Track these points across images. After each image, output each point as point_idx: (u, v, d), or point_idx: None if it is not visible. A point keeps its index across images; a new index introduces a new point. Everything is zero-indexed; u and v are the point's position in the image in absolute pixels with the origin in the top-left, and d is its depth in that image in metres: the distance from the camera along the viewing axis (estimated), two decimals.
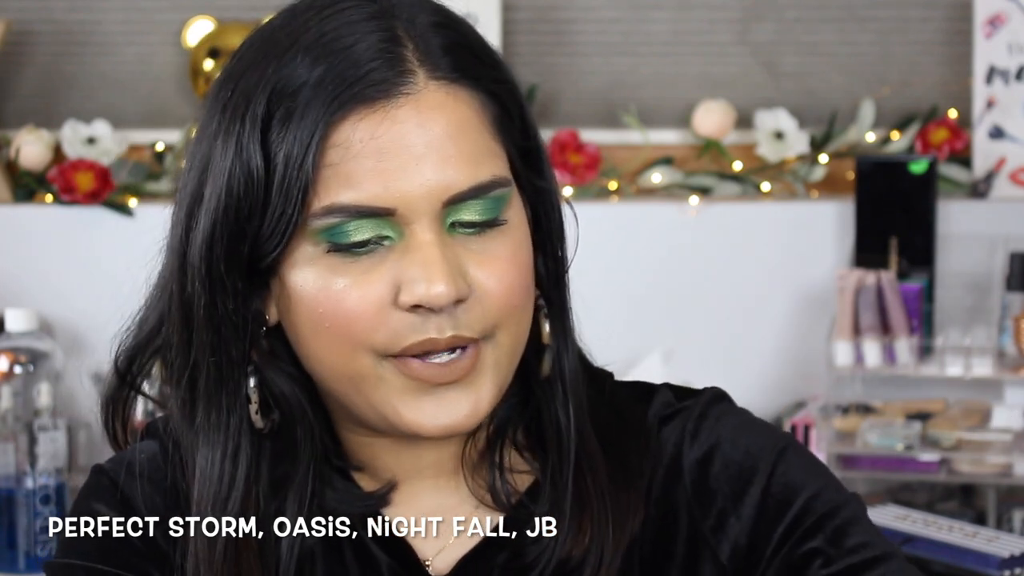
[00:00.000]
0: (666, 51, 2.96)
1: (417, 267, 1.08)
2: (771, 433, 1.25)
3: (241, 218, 1.10)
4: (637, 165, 2.91)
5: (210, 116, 1.13)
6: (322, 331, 1.11)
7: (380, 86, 1.09)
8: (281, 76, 1.10)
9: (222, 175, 1.10)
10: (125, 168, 2.90)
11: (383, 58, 1.10)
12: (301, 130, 1.08)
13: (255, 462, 1.15)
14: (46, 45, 2.99)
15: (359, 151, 1.08)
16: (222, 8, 2.96)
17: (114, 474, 1.20)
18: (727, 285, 2.84)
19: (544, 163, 1.18)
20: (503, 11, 2.91)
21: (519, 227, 1.13)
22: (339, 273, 1.09)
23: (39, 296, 2.83)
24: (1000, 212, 2.78)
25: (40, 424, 2.52)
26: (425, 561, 1.18)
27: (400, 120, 1.09)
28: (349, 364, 1.11)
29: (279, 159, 1.08)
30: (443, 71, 1.11)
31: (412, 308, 1.09)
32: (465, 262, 1.10)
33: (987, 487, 2.61)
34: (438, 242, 1.09)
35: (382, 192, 1.08)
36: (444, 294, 1.08)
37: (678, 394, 1.24)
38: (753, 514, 1.17)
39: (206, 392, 1.14)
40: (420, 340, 1.09)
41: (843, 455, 2.59)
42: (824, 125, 2.89)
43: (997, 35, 2.82)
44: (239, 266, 1.11)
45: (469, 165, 1.10)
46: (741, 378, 2.80)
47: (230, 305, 1.12)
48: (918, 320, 2.63)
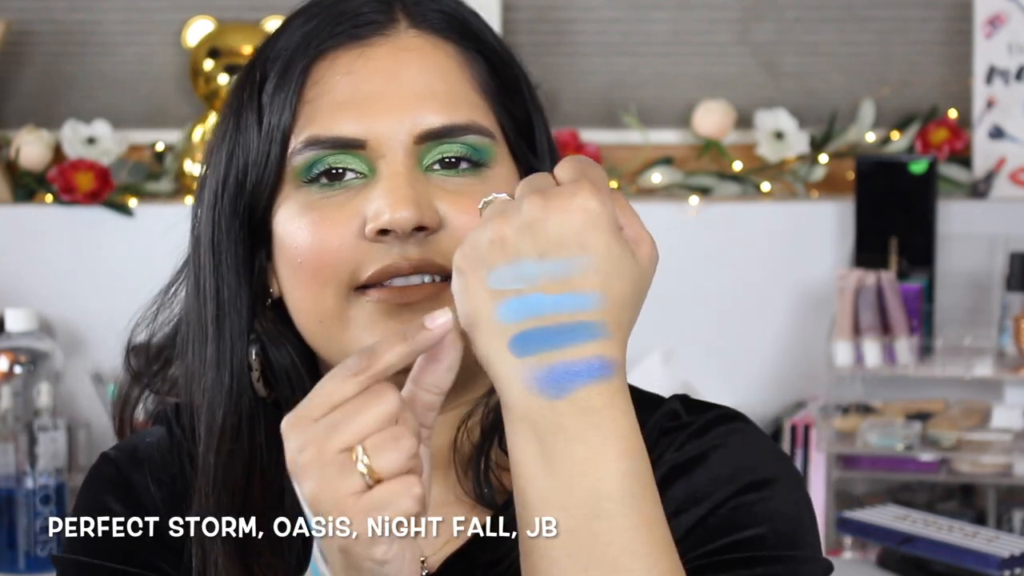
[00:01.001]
0: (666, 51, 2.96)
1: (382, 194, 1.10)
2: (765, 458, 1.15)
3: (239, 175, 1.14)
4: (637, 165, 2.91)
5: (225, 102, 1.19)
6: (297, 270, 1.12)
7: (361, 28, 1.13)
8: (278, 43, 1.15)
9: (225, 144, 1.16)
10: (125, 168, 2.90)
11: (370, 7, 1.14)
12: (286, 75, 1.13)
13: (259, 430, 1.16)
14: (46, 45, 2.99)
15: (334, 85, 1.12)
16: (222, 8, 2.96)
17: (120, 462, 1.21)
18: (727, 285, 2.84)
19: (544, 147, 1.19)
20: (503, 11, 2.91)
21: (507, 185, 1.12)
22: (314, 208, 1.12)
23: (39, 296, 2.83)
24: (1000, 212, 2.78)
25: (40, 424, 2.52)
26: (421, 558, 1.17)
27: (375, 58, 1.13)
28: (320, 304, 1.12)
29: (267, 108, 1.13)
30: (426, 23, 1.15)
31: (378, 236, 1.10)
32: (437, 198, 1.11)
33: (987, 487, 2.61)
34: (406, 173, 1.10)
35: (354, 125, 1.11)
36: (407, 217, 1.08)
37: (690, 407, 1.19)
38: (687, 523, 1.10)
39: (214, 360, 1.16)
40: (385, 265, 1.10)
41: (843, 455, 2.59)
42: (824, 125, 2.89)
43: (997, 35, 2.82)
44: (239, 223, 1.15)
45: (443, 105, 1.12)
46: (741, 378, 2.80)
47: (233, 265, 1.15)
48: (918, 320, 2.63)
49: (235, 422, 1.15)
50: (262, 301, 1.17)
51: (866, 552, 2.48)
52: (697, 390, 2.66)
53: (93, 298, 2.81)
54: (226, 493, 1.14)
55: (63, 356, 2.71)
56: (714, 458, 1.13)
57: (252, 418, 1.16)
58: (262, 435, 1.16)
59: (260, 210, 1.14)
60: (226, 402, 1.16)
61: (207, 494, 1.15)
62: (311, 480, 0.94)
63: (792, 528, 1.11)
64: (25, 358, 2.64)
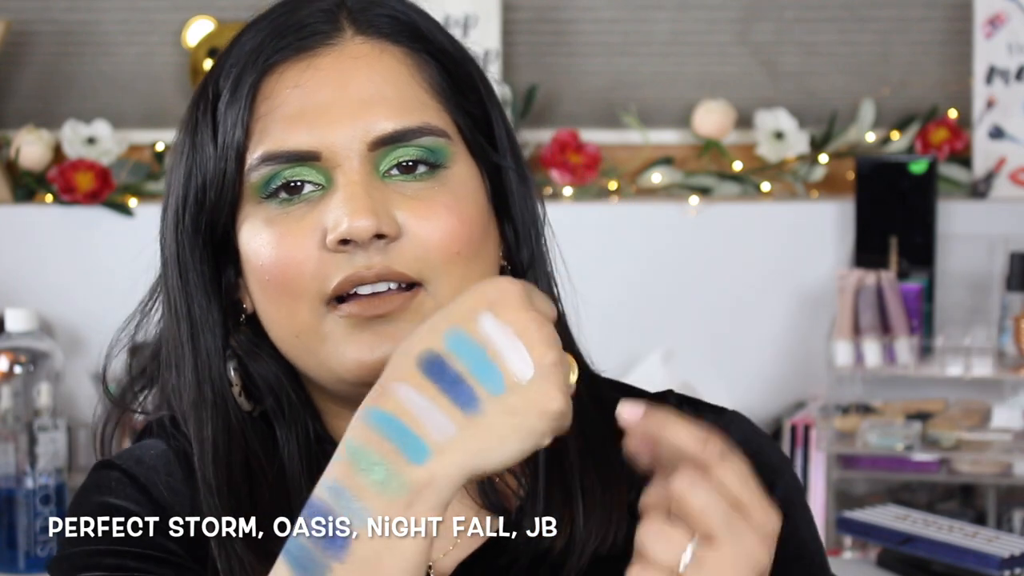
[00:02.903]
0: (666, 51, 2.96)
1: (339, 204, 1.10)
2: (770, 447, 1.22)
3: (198, 193, 1.14)
4: (637, 165, 2.91)
5: (184, 118, 1.18)
6: (266, 287, 1.13)
7: (307, 40, 1.13)
8: (230, 57, 1.16)
9: (183, 162, 1.16)
10: (125, 168, 2.90)
11: (316, 18, 1.14)
12: (237, 92, 1.13)
13: (252, 441, 1.16)
14: (46, 45, 2.99)
15: (284, 99, 1.12)
16: (222, 8, 2.96)
17: (127, 467, 1.19)
18: (727, 285, 2.84)
19: (504, 143, 1.18)
20: (503, 11, 2.91)
21: (463, 182, 1.13)
22: (274, 224, 1.12)
23: (39, 296, 2.83)
24: (1000, 212, 2.78)
25: (40, 424, 2.52)
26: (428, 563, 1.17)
27: (322, 68, 1.12)
28: (294, 319, 1.12)
29: (221, 126, 1.13)
30: (373, 29, 1.14)
31: (339, 246, 1.10)
32: (396, 205, 1.11)
33: (987, 487, 2.61)
34: (363, 181, 1.10)
35: (306, 137, 1.11)
36: (365, 226, 1.08)
37: (686, 400, 1.23)
38: None
39: (194, 379, 1.16)
40: (348, 274, 1.10)
41: (843, 455, 2.59)
42: (824, 125, 2.89)
43: (997, 35, 2.82)
44: (202, 241, 1.15)
45: (394, 110, 1.12)
46: (741, 378, 2.80)
47: (200, 283, 1.15)
48: (918, 320, 2.63)
49: (226, 439, 1.15)
50: (235, 317, 1.17)
51: (866, 552, 2.48)
52: (697, 390, 2.66)
53: (93, 298, 2.81)
54: (233, 499, 1.14)
55: (63, 356, 2.70)
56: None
57: (242, 432, 1.16)
58: (256, 444, 1.16)
59: (222, 228, 1.14)
60: (213, 419, 1.16)
61: (213, 505, 1.14)
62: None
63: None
64: (25, 358, 2.64)
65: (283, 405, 1.17)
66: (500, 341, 0.98)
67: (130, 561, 1.13)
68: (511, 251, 1.18)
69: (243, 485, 1.15)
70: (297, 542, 0.99)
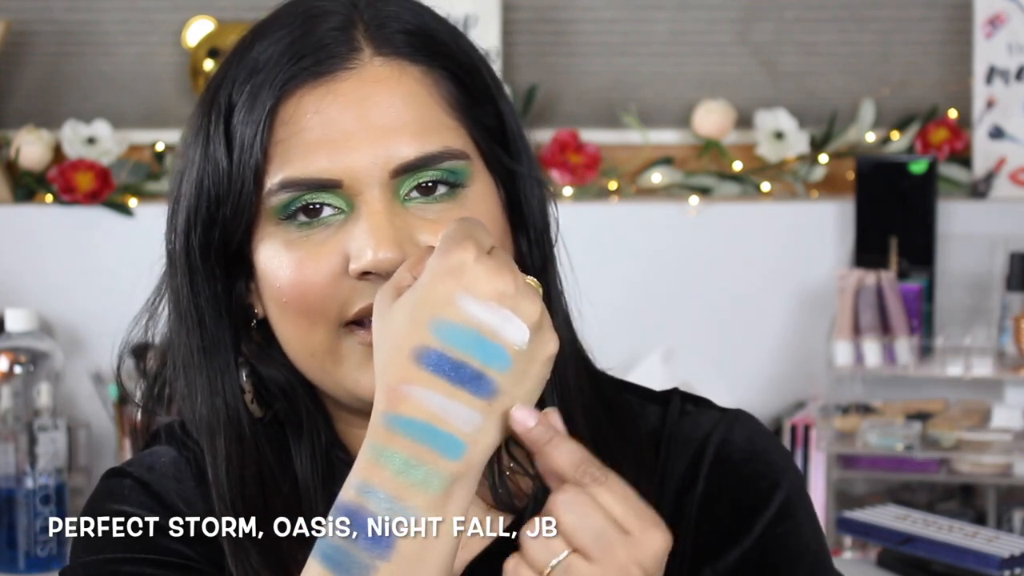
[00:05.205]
0: (666, 51, 2.96)
1: (364, 234, 1.10)
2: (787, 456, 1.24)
3: (211, 206, 1.13)
4: (637, 165, 2.91)
5: (192, 119, 1.17)
6: (284, 307, 1.12)
7: (325, 63, 1.12)
8: (243, 66, 1.14)
9: (194, 169, 1.14)
10: (125, 168, 2.90)
11: (332, 38, 1.13)
12: (254, 112, 1.12)
13: (263, 447, 1.16)
14: (46, 45, 2.99)
15: (304, 125, 1.11)
16: (222, 8, 2.96)
17: (138, 475, 1.19)
18: (727, 285, 2.84)
19: (518, 146, 1.18)
20: (503, 11, 2.91)
21: (483, 201, 1.13)
22: (295, 247, 1.12)
23: (39, 296, 2.83)
24: (1000, 212, 2.78)
25: (40, 424, 2.52)
26: None
27: (343, 93, 1.11)
28: (310, 338, 1.12)
29: (236, 143, 1.12)
30: (390, 48, 1.13)
31: (362, 276, 1.10)
32: (418, 230, 1.11)
33: (987, 487, 2.61)
34: (386, 210, 1.10)
35: (328, 164, 1.10)
36: (390, 259, 1.08)
37: (691, 399, 1.25)
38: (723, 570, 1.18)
39: (207, 389, 1.16)
40: (370, 303, 1.09)
41: (843, 455, 2.59)
42: (824, 125, 2.90)
43: (997, 35, 2.82)
44: (215, 254, 1.14)
45: (415, 135, 1.11)
46: (741, 378, 2.80)
47: (211, 295, 1.15)
48: (918, 320, 2.63)
49: (239, 451, 1.15)
50: (246, 323, 1.17)
51: (866, 552, 2.48)
52: (697, 390, 2.65)
53: (93, 298, 2.81)
54: (247, 509, 1.14)
55: (63, 356, 2.70)
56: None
57: (255, 442, 1.16)
58: (269, 452, 1.16)
59: (236, 242, 1.14)
60: (225, 429, 1.16)
61: (226, 508, 1.14)
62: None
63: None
64: (25, 358, 2.64)
65: (295, 410, 1.17)
66: (488, 318, 0.99)
67: (147, 568, 1.14)
68: (523, 256, 1.18)
69: (257, 496, 1.15)
70: (331, 543, 1.00)
